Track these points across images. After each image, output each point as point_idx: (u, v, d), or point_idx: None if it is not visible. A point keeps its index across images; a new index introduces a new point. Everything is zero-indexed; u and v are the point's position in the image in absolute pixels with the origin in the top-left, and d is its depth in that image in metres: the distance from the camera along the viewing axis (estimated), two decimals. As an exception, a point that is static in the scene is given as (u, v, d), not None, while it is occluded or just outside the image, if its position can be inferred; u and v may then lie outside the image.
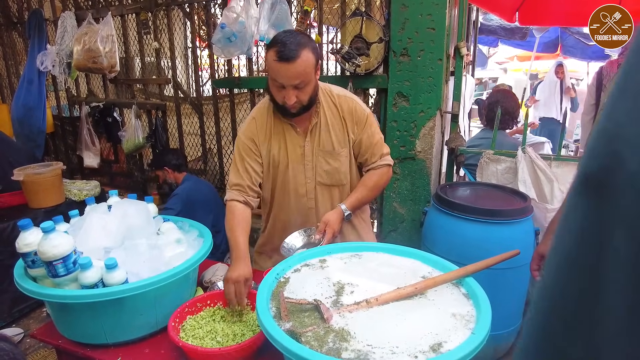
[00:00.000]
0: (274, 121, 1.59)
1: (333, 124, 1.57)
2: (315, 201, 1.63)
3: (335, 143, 1.57)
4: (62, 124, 3.97)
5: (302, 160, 1.58)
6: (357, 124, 1.58)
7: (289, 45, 1.34)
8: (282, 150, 1.59)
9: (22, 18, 3.82)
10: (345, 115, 1.58)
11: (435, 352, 0.92)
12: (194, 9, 3.01)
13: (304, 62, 1.36)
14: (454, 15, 2.44)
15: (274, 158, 1.59)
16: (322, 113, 1.57)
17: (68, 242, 1.18)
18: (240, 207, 1.54)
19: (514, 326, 2.13)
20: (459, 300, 1.14)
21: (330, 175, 1.60)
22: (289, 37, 1.38)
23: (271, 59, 1.37)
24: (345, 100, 1.59)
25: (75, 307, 1.21)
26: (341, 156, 1.59)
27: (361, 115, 1.58)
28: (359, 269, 1.28)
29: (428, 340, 0.96)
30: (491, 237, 1.94)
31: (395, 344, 0.94)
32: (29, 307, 2.59)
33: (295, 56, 1.34)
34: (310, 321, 1.03)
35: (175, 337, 1.19)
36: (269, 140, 1.59)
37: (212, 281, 1.64)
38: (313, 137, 1.57)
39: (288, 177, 1.60)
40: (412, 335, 0.97)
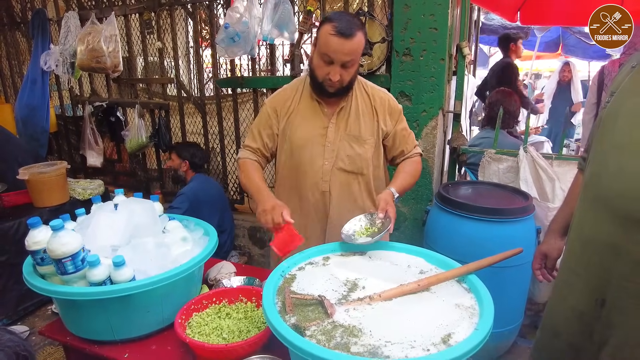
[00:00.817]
0: (303, 96, 1.61)
1: (364, 111, 1.59)
2: (330, 185, 1.61)
3: (363, 130, 1.58)
4: (66, 124, 3.99)
5: (322, 141, 1.58)
6: (390, 115, 1.62)
7: (347, 22, 1.39)
8: (303, 127, 1.59)
9: (25, 18, 3.84)
10: (377, 105, 1.60)
11: (446, 344, 0.94)
12: (197, 9, 3.03)
13: (358, 41, 1.41)
14: (456, 15, 2.45)
15: (294, 134, 1.59)
16: (354, 99, 1.59)
17: (76, 240, 1.20)
18: (255, 164, 1.62)
19: (515, 324, 2.15)
20: (461, 294, 1.16)
21: (353, 160, 1.59)
22: (346, 15, 1.43)
23: (326, 33, 1.39)
24: (378, 92, 1.64)
25: (84, 304, 1.23)
26: (367, 143, 1.59)
27: (395, 108, 1.64)
28: (363, 267, 1.30)
29: (439, 332, 0.98)
30: (493, 235, 1.96)
31: (407, 337, 0.96)
32: (34, 305, 2.61)
33: (352, 33, 1.38)
34: (314, 315, 1.05)
35: (182, 334, 1.21)
36: (292, 114, 1.61)
37: (217, 279, 1.66)
38: (339, 121, 1.58)
39: (305, 156, 1.59)
40: (422, 327, 1.00)
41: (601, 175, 1.11)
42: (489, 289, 2.06)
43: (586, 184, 1.18)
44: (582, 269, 1.17)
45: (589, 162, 1.19)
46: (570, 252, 1.25)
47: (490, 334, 0.96)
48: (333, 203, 1.63)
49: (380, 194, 1.47)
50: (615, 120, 1.08)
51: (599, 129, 1.15)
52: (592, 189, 1.14)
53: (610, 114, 1.10)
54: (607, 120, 1.11)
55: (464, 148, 2.46)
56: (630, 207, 1.03)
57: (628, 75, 1.10)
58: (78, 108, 3.87)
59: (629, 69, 1.11)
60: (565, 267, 1.27)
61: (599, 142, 1.14)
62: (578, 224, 1.21)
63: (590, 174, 1.16)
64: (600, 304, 1.12)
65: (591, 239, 1.14)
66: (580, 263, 1.18)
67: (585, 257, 1.16)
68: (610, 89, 1.17)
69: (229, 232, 3.03)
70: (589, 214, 1.15)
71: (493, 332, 2.29)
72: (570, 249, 1.25)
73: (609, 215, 1.08)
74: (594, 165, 1.15)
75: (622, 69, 1.18)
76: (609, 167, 1.08)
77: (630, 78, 1.09)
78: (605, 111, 1.13)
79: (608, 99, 1.14)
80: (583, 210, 1.18)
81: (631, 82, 1.08)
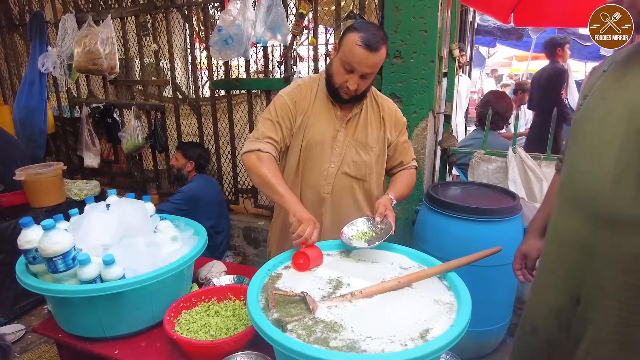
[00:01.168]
0: (318, 97, 1.61)
1: (372, 120, 1.63)
2: (332, 188, 1.63)
3: (370, 137, 1.62)
4: (63, 125, 4.02)
5: (332, 144, 1.60)
6: (395, 126, 1.67)
7: (375, 35, 1.41)
8: (318, 127, 1.59)
9: (23, 20, 3.87)
10: (386, 116, 1.64)
11: (423, 339, 0.97)
12: (192, 11, 3.07)
13: (381, 55, 1.44)
14: (446, 17, 2.48)
15: (308, 131, 1.59)
16: (365, 107, 1.62)
17: (67, 239, 1.23)
18: (275, 161, 1.53)
19: (503, 322, 2.18)
20: (440, 291, 1.19)
21: (358, 166, 1.62)
22: (374, 27, 1.45)
23: (352, 42, 1.40)
24: (387, 103, 1.68)
25: (74, 301, 1.26)
26: (373, 151, 1.63)
27: (401, 120, 1.69)
28: (347, 266, 1.33)
29: (417, 327, 1.01)
30: (480, 235, 1.99)
31: (386, 332, 0.99)
32: (30, 304, 2.64)
33: (378, 47, 1.41)
34: (297, 311, 1.08)
35: (170, 330, 1.24)
36: (308, 111, 1.59)
37: (207, 278, 1.70)
38: (349, 127, 1.61)
39: (315, 155, 1.60)
40: (400, 322, 1.02)
41: (575, 176, 1.14)
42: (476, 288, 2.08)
43: (562, 184, 1.22)
44: (559, 267, 1.21)
45: (565, 163, 1.23)
46: (547, 252, 1.28)
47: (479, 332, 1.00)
48: (328, 207, 1.65)
49: (380, 199, 1.49)
50: (587, 123, 1.12)
51: (572, 131, 1.19)
52: (567, 190, 1.18)
53: (583, 117, 1.14)
54: (580, 123, 1.15)
55: (453, 149, 2.50)
56: (600, 207, 1.06)
57: (599, 78, 1.13)
58: (75, 109, 3.90)
59: (601, 73, 1.14)
60: (543, 266, 1.30)
61: (573, 143, 1.18)
62: (555, 224, 1.24)
63: (565, 174, 1.20)
64: (576, 301, 1.16)
65: (567, 238, 1.17)
66: (557, 262, 1.21)
67: (561, 257, 1.20)
68: (583, 92, 1.21)
69: (225, 233, 3.06)
70: (565, 214, 1.18)
71: (481, 330, 2.33)
72: (547, 248, 1.29)
73: (582, 215, 1.11)
74: (568, 166, 1.19)
75: (594, 73, 1.21)
76: (581, 168, 1.12)
77: (601, 81, 1.12)
78: (579, 114, 1.17)
79: (581, 101, 1.18)
80: (559, 211, 1.22)
81: (602, 85, 1.11)
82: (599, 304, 1.10)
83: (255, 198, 3.22)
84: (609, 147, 1.04)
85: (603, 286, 1.09)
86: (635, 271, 1.04)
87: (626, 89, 1.03)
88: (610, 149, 1.03)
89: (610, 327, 1.09)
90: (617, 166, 1.02)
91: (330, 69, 1.52)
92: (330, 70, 1.52)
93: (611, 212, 1.04)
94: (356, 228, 1.44)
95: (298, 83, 1.65)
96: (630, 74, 1.04)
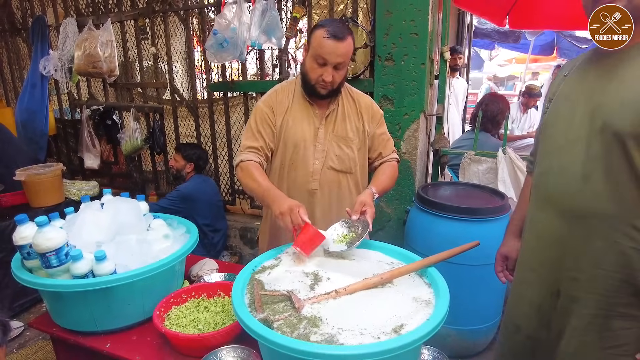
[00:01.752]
0: (295, 98, 1.68)
1: (349, 113, 1.68)
2: (320, 184, 1.68)
3: (350, 131, 1.67)
4: (64, 127, 4.09)
5: (314, 142, 1.65)
6: (372, 119, 1.72)
7: (339, 27, 1.50)
8: (298, 126, 1.65)
9: (26, 24, 3.94)
10: (363, 109, 1.70)
11: (397, 333, 1.00)
12: (190, 15, 3.12)
13: (349, 45, 1.52)
14: (437, 20, 2.52)
15: (288, 132, 1.65)
16: (341, 103, 1.68)
17: (60, 236, 1.28)
18: (257, 165, 1.59)
19: (493, 321, 2.21)
20: (420, 287, 1.22)
21: (342, 160, 1.67)
22: (337, 21, 1.58)
23: (320, 37, 1.49)
24: (362, 97, 1.74)
25: (67, 295, 1.30)
26: (354, 143, 1.67)
27: (377, 113, 1.74)
28: (330, 263, 1.37)
29: (391, 323, 1.04)
30: (469, 234, 2.02)
31: (361, 326, 1.03)
32: (29, 301, 2.70)
33: (344, 36, 1.49)
34: (283, 309, 1.12)
35: (160, 325, 1.28)
36: (287, 113, 1.66)
37: (199, 275, 1.74)
38: (329, 123, 1.66)
39: (299, 154, 1.66)
40: (377, 318, 1.06)
41: (547, 175, 1.19)
42: (465, 287, 2.13)
43: (535, 184, 1.26)
44: (537, 264, 1.25)
45: (537, 164, 1.28)
46: (525, 250, 1.32)
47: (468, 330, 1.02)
48: (318, 202, 1.69)
49: (360, 195, 1.51)
50: (554, 125, 1.17)
51: (541, 133, 1.24)
52: (541, 189, 1.22)
53: (550, 119, 1.20)
54: (547, 125, 1.21)
55: (445, 150, 2.53)
56: (572, 203, 1.11)
57: (561, 83, 1.20)
58: (76, 111, 3.97)
59: (562, 77, 1.21)
60: (521, 264, 1.34)
61: (543, 144, 1.23)
62: (530, 222, 1.28)
63: (538, 174, 1.25)
64: (555, 295, 1.20)
65: (542, 235, 1.21)
66: (535, 259, 1.25)
67: (539, 253, 1.24)
68: (547, 96, 1.27)
69: (223, 233, 3.11)
70: (540, 212, 1.23)
71: (471, 329, 2.35)
72: (525, 247, 1.32)
73: (556, 212, 1.15)
74: (540, 167, 1.24)
75: (556, 78, 1.27)
76: (552, 167, 1.17)
77: (564, 85, 1.18)
78: (545, 117, 1.23)
79: (547, 105, 1.24)
80: (534, 209, 1.26)
81: (565, 88, 1.18)
82: (577, 296, 1.14)
83: (252, 199, 3.27)
84: (577, 146, 1.09)
85: (579, 279, 1.13)
86: (607, 262, 1.08)
87: (587, 91, 1.09)
88: (578, 148, 1.09)
89: (589, 318, 1.13)
90: (585, 163, 1.07)
91: (304, 68, 1.59)
92: (304, 69, 1.59)
93: (582, 207, 1.09)
94: (336, 232, 1.46)
95: (275, 89, 1.72)
96: (590, 77, 1.11)
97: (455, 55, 4.46)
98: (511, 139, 4.61)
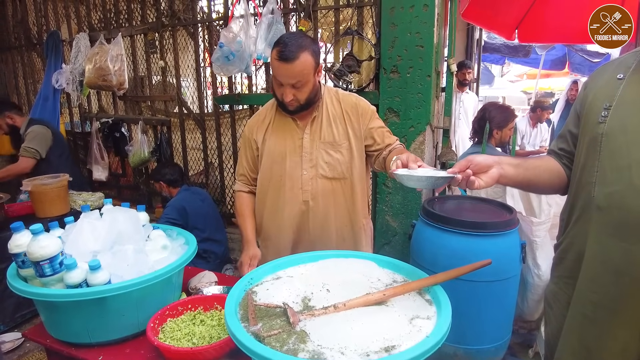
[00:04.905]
0: (276, 115, 1.68)
1: (335, 117, 1.64)
2: (312, 195, 1.65)
3: (337, 135, 1.62)
4: (75, 139, 4.15)
5: (299, 152, 1.63)
6: (362, 115, 1.64)
7: (289, 46, 1.43)
8: (280, 141, 1.65)
9: (41, 39, 4.05)
10: (348, 109, 1.64)
11: (388, 352, 0.95)
12: (198, 29, 3.17)
13: (302, 63, 1.45)
14: (442, 32, 2.51)
15: (270, 149, 1.66)
16: (324, 108, 1.64)
17: (55, 244, 1.26)
18: (246, 196, 1.75)
19: (502, 340, 2.12)
20: (422, 307, 1.16)
21: (332, 166, 1.63)
22: (291, 38, 1.47)
23: (273, 57, 1.47)
24: (347, 97, 1.67)
25: (60, 305, 1.28)
26: (342, 148, 1.63)
27: (365, 108, 1.65)
28: (329, 276, 1.32)
29: (385, 342, 0.99)
30: (476, 249, 1.96)
31: (353, 344, 0.98)
32: (30, 312, 2.69)
33: (294, 57, 1.43)
34: (278, 324, 1.07)
35: (152, 337, 1.25)
36: (267, 131, 1.68)
37: (197, 287, 1.70)
38: (313, 130, 1.63)
39: (284, 167, 1.65)
40: (365, 337, 1.00)
41: (622, 194, 0.99)
42: (471, 304, 2.05)
43: (603, 207, 1.03)
44: (617, 303, 1.03)
45: (599, 183, 1.05)
46: (594, 288, 1.07)
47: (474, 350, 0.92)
48: (312, 214, 1.66)
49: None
50: (623, 135, 1.00)
51: (598, 146, 1.05)
52: (613, 212, 1.01)
53: (614, 129, 1.02)
54: (611, 136, 1.02)
55: (452, 162, 2.48)
56: None
57: (618, 87, 1.04)
58: (86, 124, 4.03)
59: (615, 80, 1.05)
60: (588, 303, 1.09)
61: (609, 160, 1.03)
62: (600, 254, 1.05)
63: (607, 195, 1.02)
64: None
65: (623, 269, 1.00)
66: (616, 297, 1.04)
67: (621, 290, 1.02)
68: (597, 102, 1.08)
69: (223, 244, 3.08)
70: (614, 241, 1.01)
71: (479, 349, 2.26)
72: (595, 284, 1.07)
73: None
74: (610, 186, 1.02)
75: (600, 83, 1.10)
76: (632, 185, 0.97)
77: (625, 90, 1.03)
78: (605, 126, 1.03)
79: (604, 112, 1.05)
80: (604, 237, 1.03)
81: (628, 93, 1.02)
82: None
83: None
84: None
85: None
86: None
87: None
88: None
89: None
90: None
91: (272, 87, 1.59)
92: (272, 87, 1.59)
93: None
94: None
95: (258, 111, 1.77)
96: None
97: (464, 69, 4.45)
98: (521, 154, 4.53)
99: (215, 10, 3.23)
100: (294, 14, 2.78)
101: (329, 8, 2.64)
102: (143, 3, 3.33)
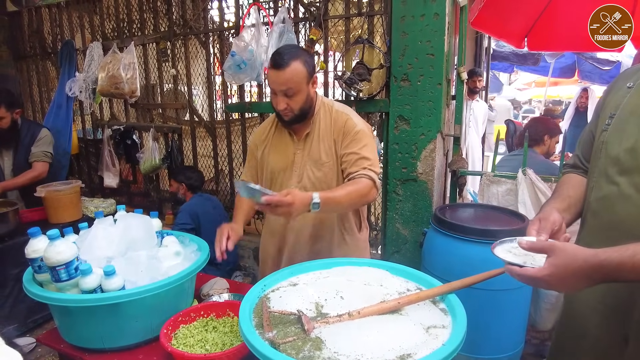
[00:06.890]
0: (277, 128, 1.73)
1: (324, 135, 1.64)
2: None
3: (323, 153, 1.63)
4: (87, 146, 4.20)
5: (291, 167, 1.67)
6: (344, 135, 1.61)
7: (282, 55, 1.50)
8: (276, 155, 1.70)
9: (55, 48, 4.12)
10: (337, 128, 1.64)
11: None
12: (209, 38, 3.21)
13: (293, 71, 1.48)
14: (453, 41, 2.52)
15: (267, 161, 1.73)
16: (317, 123, 1.65)
17: (71, 250, 1.28)
18: (245, 201, 1.77)
19: (515, 350, 2.09)
20: (437, 316, 1.15)
21: (314, 184, 1.64)
22: (285, 48, 1.55)
23: (268, 67, 1.55)
24: (340, 115, 1.64)
25: (74, 310, 1.29)
26: (325, 167, 1.63)
27: (350, 128, 1.60)
28: (343, 283, 1.32)
29: (400, 351, 0.98)
30: (488, 257, 1.93)
31: (361, 352, 0.97)
32: (42, 317, 2.70)
33: (284, 64, 1.47)
34: (293, 331, 1.07)
35: (166, 343, 1.25)
36: (267, 144, 1.74)
37: (209, 294, 1.71)
38: (306, 146, 1.65)
39: (277, 181, 1.70)
40: (381, 345, 1.00)
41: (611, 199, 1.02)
42: (484, 313, 2.03)
43: (595, 210, 1.06)
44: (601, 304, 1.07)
45: (594, 187, 1.08)
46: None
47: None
48: (291, 227, 1.73)
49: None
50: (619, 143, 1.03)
51: (601, 153, 1.07)
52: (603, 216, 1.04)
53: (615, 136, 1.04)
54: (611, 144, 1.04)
55: (462, 171, 2.48)
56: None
57: (625, 96, 1.05)
58: (98, 131, 4.08)
59: (625, 89, 1.06)
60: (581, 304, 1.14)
61: (605, 165, 1.06)
62: None
63: (599, 199, 1.05)
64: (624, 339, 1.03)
65: None
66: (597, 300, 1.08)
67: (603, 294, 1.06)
68: (605, 111, 1.10)
69: (234, 250, 3.08)
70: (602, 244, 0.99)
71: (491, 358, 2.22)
72: None
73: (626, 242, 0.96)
74: (601, 190, 1.05)
75: (614, 90, 1.12)
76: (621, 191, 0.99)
77: (630, 98, 1.04)
78: (607, 134, 1.06)
79: (608, 120, 1.07)
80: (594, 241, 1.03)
81: (633, 101, 1.03)
82: None
83: (266, 219, 3.25)
84: None
85: None
86: None
87: None
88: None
89: None
90: None
91: None
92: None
93: None
94: None
95: (265, 121, 1.84)
96: None
97: (474, 77, 4.45)
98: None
99: (226, 19, 3.28)
100: (305, 23, 2.81)
101: (340, 17, 2.66)
102: (155, 12, 3.39)
